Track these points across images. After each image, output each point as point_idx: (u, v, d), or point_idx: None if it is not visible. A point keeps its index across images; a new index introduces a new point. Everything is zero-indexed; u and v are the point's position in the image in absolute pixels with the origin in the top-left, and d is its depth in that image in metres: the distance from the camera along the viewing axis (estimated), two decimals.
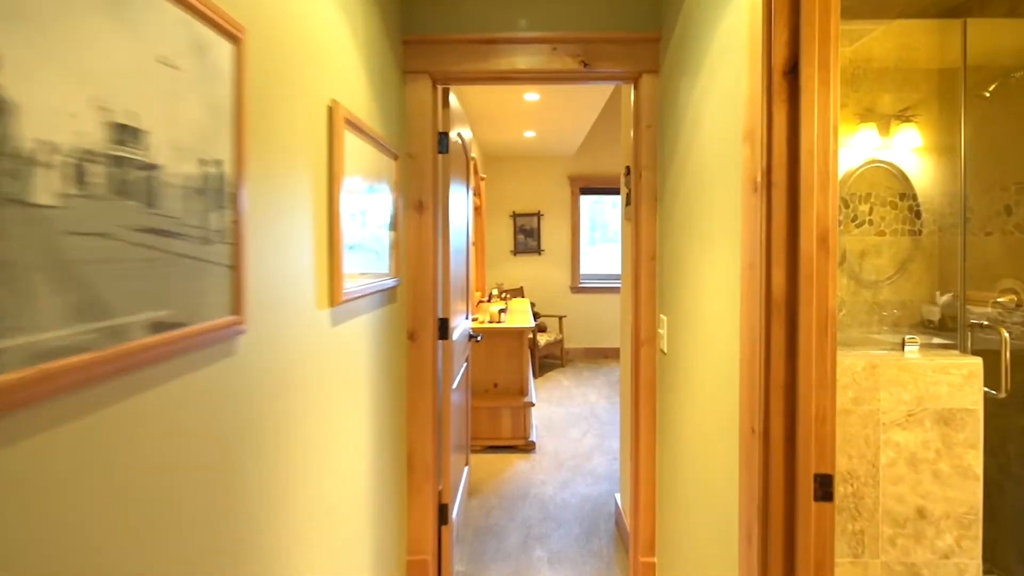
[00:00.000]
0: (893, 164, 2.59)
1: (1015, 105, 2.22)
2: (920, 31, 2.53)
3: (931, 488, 1.52)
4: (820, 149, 1.01)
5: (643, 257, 1.95)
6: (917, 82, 2.53)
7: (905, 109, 2.57)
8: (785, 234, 1.04)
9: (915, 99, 2.53)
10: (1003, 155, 2.26)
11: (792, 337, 1.03)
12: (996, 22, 2.01)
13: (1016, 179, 2.21)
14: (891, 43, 2.55)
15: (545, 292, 6.60)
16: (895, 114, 2.58)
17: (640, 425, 1.88)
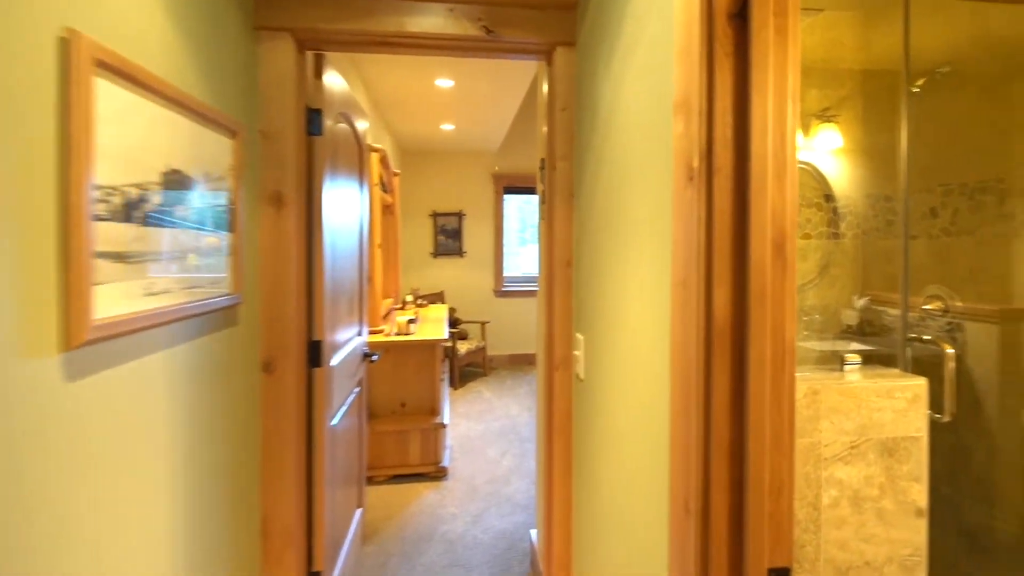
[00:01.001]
0: (813, 165, 2.48)
1: (940, 104, 2.15)
2: (846, 26, 2.43)
3: (875, 530, 1.32)
4: (776, 123, 0.74)
5: (557, 264, 1.65)
6: (842, 80, 2.43)
7: (826, 109, 2.47)
8: (731, 238, 0.75)
9: (839, 97, 2.43)
10: (928, 156, 2.18)
11: (739, 379, 0.74)
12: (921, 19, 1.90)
13: (941, 181, 2.13)
14: (818, 38, 2.43)
15: (467, 296, 6.25)
16: (816, 113, 2.47)
17: (553, 469, 1.58)
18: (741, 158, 0.77)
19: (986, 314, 1.95)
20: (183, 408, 1.08)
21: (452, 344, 4.95)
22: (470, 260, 6.29)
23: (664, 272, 0.91)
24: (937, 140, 2.16)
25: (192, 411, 1.11)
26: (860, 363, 1.41)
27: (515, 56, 1.82)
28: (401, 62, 3.25)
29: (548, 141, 1.79)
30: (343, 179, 1.95)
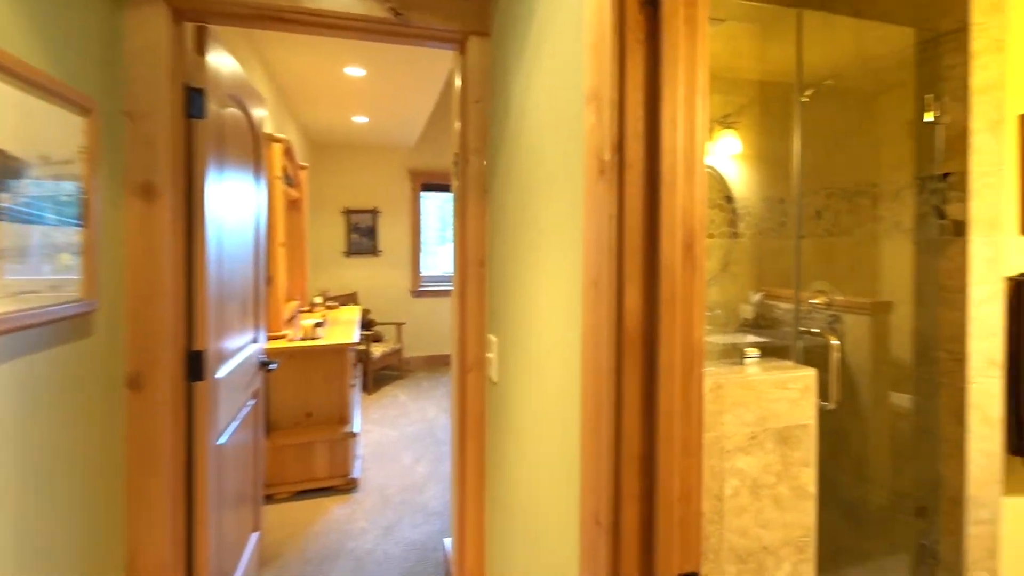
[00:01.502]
0: (715, 168, 2.61)
1: (825, 114, 2.32)
2: (745, 38, 2.57)
3: (772, 515, 1.39)
4: (686, 116, 0.71)
5: (470, 263, 1.59)
6: (742, 88, 2.58)
7: (727, 115, 2.61)
8: (642, 237, 0.73)
9: (739, 104, 2.57)
10: (815, 162, 2.36)
11: (650, 382, 0.72)
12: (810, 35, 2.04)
13: (825, 185, 2.32)
14: (720, 47, 2.55)
15: (383, 297, 6.02)
16: (718, 119, 2.60)
17: (466, 475, 1.51)
18: (652, 153, 0.74)
19: (860, 307, 2.14)
20: (8, 438, 0.88)
21: (365, 347, 4.73)
22: (386, 259, 6.06)
23: (576, 272, 0.87)
24: (823, 147, 2.35)
25: (23, 440, 0.92)
26: (758, 356, 1.48)
27: (426, 43, 1.73)
28: (307, 46, 3.03)
29: (461, 135, 1.72)
30: (234, 169, 1.76)
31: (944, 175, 1.81)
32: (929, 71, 1.85)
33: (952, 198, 1.78)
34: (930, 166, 1.86)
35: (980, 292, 1.72)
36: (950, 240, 1.78)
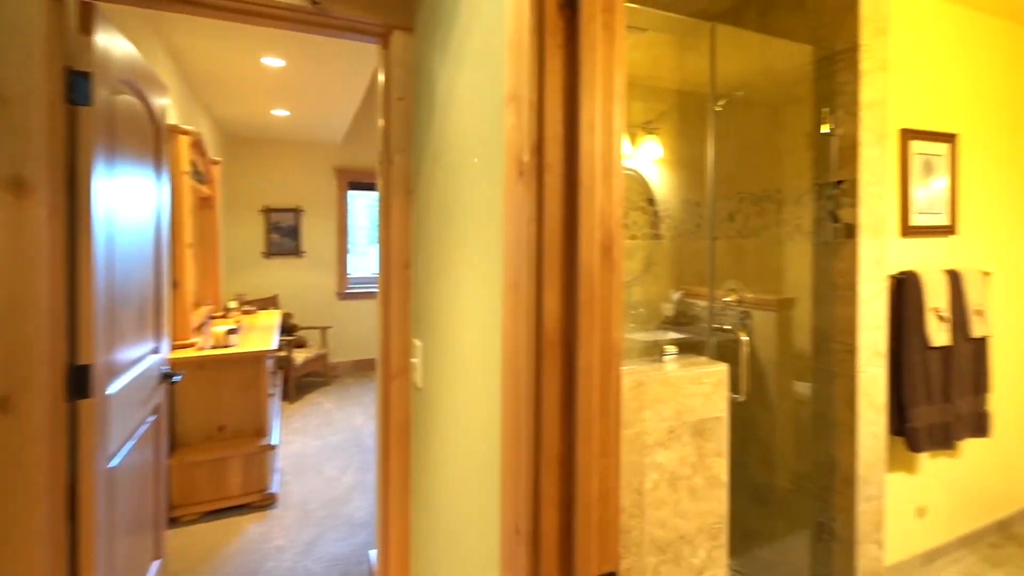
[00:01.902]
0: (638, 172, 2.71)
1: (736, 123, 2.47)
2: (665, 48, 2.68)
3: (688, 505, 1.45)
4: (603, 120, 0.72)
5: (394, 265, 1.53)
6: (661, 96, 2.69)
7: (649, 121, 2.71)
8: (561, 240, 0.72)
9: (659, 111, 2.68)
10: (727, 168, 2.50)
11: (569, 385, 0.72)
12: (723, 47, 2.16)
13: (737, 189, 2.46)
14: (642, 55, 2.65)
15: (306, 300, 5.74)
16: (641, 125, 2.70)
17: (390, 485, 1.46)
18: (571, 156, 0.74)
19: (767, 303, 2.29)
20: None
21: (286, 354, 4.49)
22: (309, 260, 5.79)
23: (497, 274, 0.86)
24: (735, 154, 2.49)
25: None
26: (676, 353, 1.54)
27: (346, 36, 1.65)
28: (220, 34, 2.82)
29: (384, 133, 1.66)
30: (130, 162, 1.60)
31: (838, 183, 1.98)
32: (826, 86, 2.02)
33: (844, 204, 1.95)
34: (826, 174, 2.03)
35: (868, 289, 1.89)
36: (843, 242, 1.95)
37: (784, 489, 2.21)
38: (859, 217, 1.88)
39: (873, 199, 1.90)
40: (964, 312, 2.23)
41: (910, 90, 2.29)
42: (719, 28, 2.18)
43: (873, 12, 1.88)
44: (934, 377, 2.15)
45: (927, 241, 2.35)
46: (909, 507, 2.32)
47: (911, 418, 2.08)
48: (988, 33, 2.51)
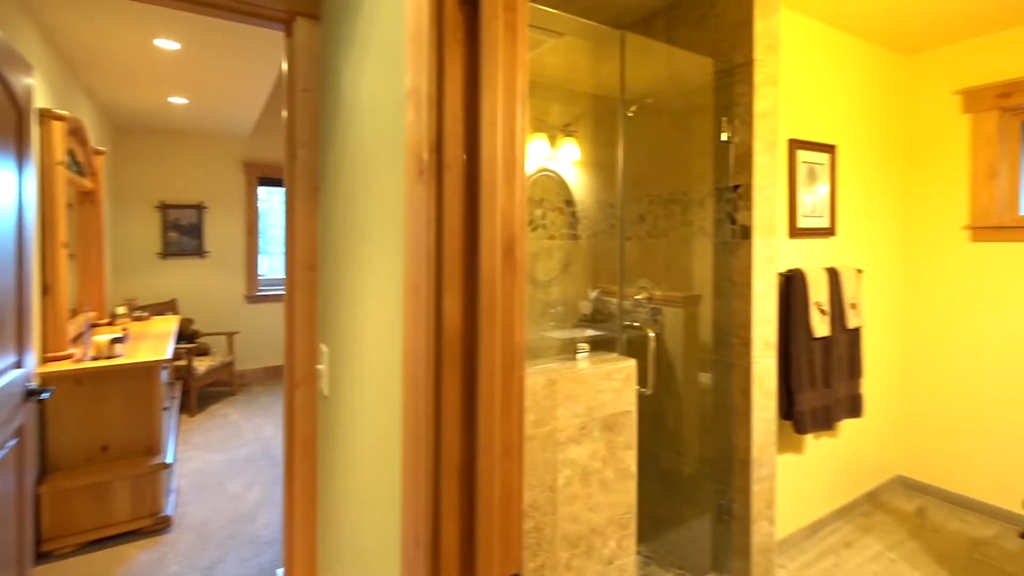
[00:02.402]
0: (558, 173, 2.76)
1: (647, 128, 2.58)
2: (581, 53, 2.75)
3: (599, 498, 1.50)
4: (506, 120, 0.71)
5: (299, 267, 1.45)
6: (578, 100, 2.75)
7: (568, 124, 2.77)
8: (462, 240, 0.71)
9: (576, 114, 2.75)
10: (638, 171, 2.61)
11: (470, 389, 0.71)
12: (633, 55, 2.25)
13: (648, 192, 2.57)
14: (559, 59, 2.69)
15: (210, 304, 5.32)
16: (560, 128, 2.76)
17: (295, 499, 1.38)
18: (472, 155, 0.73)
19: (675, 300, 2.41)
20: None
21: (187, 363, 4.13)
22: (214, 261, 5.37)
23: (399, 277, 0.83)
24: (646, 158, 2.60)
25: None
26: (589, 351, 1.58)
27: (245, 19, 1.54)
28: (101, 10, 2.53)
29: (288, 126, 1.57)
30: None
31: (735, 187, 2.12)
32: (725, 97, 2.16)
33: (741, 207, 2.09)
34: (725, 178, 2.17)
35: (760, 286, 2.05)
36: (739, 242, 2.09)
37: (689, 475, 2.34)
38: (753, 219, 2.03)
39: (765, 203, 2.06)
40: (841, 305, 2.48)
41: (797, 103, 2.51)
42: (629, 36, 2.27)
43: (765, 30, 2.04)
44: (817, 365, 2.37)
45: (811, 242, 2.59)
46: (797, 485, 2.54)
47: (798, 403, 2.28)
48: (861, 56, 2.81)
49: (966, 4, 2.39)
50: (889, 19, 2.57)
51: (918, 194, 3.05)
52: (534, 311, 2.64)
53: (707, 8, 2.21)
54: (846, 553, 2.44)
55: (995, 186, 2.76)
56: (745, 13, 2.04)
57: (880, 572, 2.29)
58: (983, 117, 2.80)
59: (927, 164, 3.01)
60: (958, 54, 2.87)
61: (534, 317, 2.61)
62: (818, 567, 2.33)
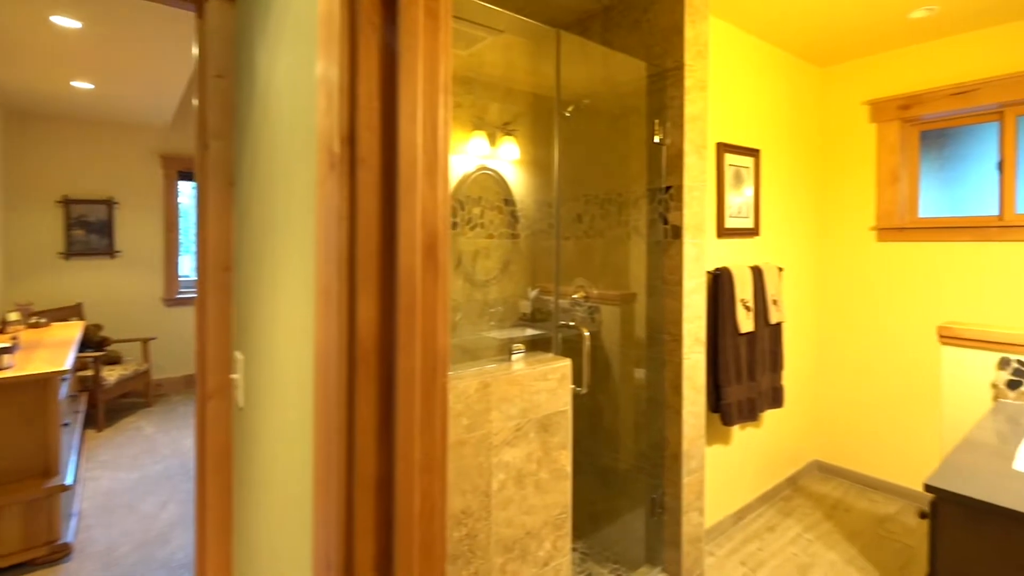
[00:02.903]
0: (497, 172, 2.74)
1: (584, 128, 2.60)
2: (520, 51, 2.73)
3: (534, 500, 1.49)
4: (427, 112, 0.67)
5: (212, 267, 1.34)
6: (517, 99, 2.74)
7: (507, 123, 2.75)
8: (378, 239, 0.66)
9: (515, 113, 2.73)
10: (576, 170, 2.63)
11: (388, 399, 0.66)
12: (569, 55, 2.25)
13: (585, 192, 2.59)
14: (499, 56, 2.67)
15: (123, 308, 4.90)
16: (499, 126, 2.73)
17: (207, 523, 1.27)
18: (390, 149, 0.68)
19: (612, 298, 2.45)
20: None
21: (94, 373, 3.78)
22: (127, 261, 4.94)
23: (311, 279, 0.77)
24: (583, 158, 2.63)
25: None
26: (524, 351, 1.57)
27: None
28: None
29: (200, 114, 1.44)
30: None
31: (667, 188, 2.17)
32: (657, 100, 2.21)
33: (672, 207, 2.15)
34: (658, 180, 2.22)
35: (690, 284, 2.11)
36: (671, 242, 2.15)
37: (624, 470, 2.39)
38: (684, 219, 2.09)
39: (695, 203, 2.13)
40: (765, 302, 2.61)
41: (724, 108, 2.62)
42: (566, 36, 2.27)
43: (695, 36, 2.10)
44: (742, 359, 2.48)
45: (737, 241, 2.71)
46: (724, 474, 2.65)
47: (725, 396, 2.37)
48: (782, 66, 2.97)
49: (869, 22, 2.58)
50: (804, 33, 2.73)
51: (832, 197, 3.26)
52: (472, 311, 2.61)
53: (641, 12, 2.25)
54: (769, 537, 2.57)
55: (897, 190, 3.01)
56: (676, 19, 2.10)
57: (799, 553, 2.43)
58: (887, 127, 3.04)
59: (840, 169, 3.23)
60: (865, 68, 3.10)
61: (472, 317, 2.58)
62: (744, 552, 2.44)
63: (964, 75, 2.73)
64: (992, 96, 2.65)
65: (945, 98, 2.80)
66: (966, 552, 1.18)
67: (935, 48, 2.82)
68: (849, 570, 2.29)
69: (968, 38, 2.71)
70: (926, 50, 2.85)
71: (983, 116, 2.76)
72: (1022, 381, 1.74)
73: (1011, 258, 2.61)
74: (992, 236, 2.67)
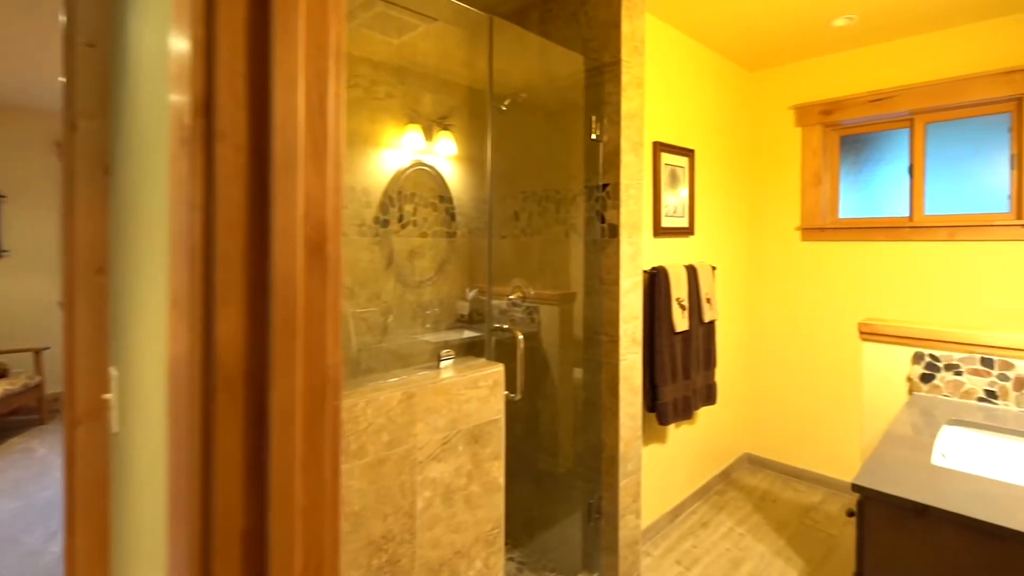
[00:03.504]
0: (434, 168, 2.61)
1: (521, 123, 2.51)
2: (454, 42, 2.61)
3: (464, 517, 1.39)
4: (313, 79, 0.55)
5: (81, 269, 1.14)
6: (452, 91, 2.61)
7: (444, 117, 2.62)
8: (245, 236, 0.54)
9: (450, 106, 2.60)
10: (513, 166, 2.54)
11: (261, 433, 0.54)
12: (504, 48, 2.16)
13: (522, 188, 2.51)
14: (432, 46, 2.53)
15: (9, 315, 4.35)
16: (435, 120, 2.60)
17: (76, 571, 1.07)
18: (262, 124, 0.56)
19: (550, 298, 2.39)
20: None
21: None
22: (15, 262, 4.40)
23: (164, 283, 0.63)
24: (520, 154, 2.54)
25: None
26: (454, 357, 1.46)
27: None
28: None
29: (66, 90, 1.23)
30: None
31: (604, 186, 2.13)
32: (595, 95, 2.15)
33: (610, 205, 2.10)
34: (595, 177, 2.17)
35: (627, 283, 2.07)
36: (608, 241, 2.11)
37: (562, 475, 2.34)
38: (621, 218, 2.05)
39: (632, 202, 2.10)
40: (699, 300, 2.63)
41: (661, 108, 2.61)
42: (501, 24, 2.17)
43: (631, 32, 2.06)
44: (678, 358, 2.49)
45: (673, 240, 2.72)
46: (660, 473, 2.66)
47: (661, 395, 2.37)
48: (716, 68, 3.01)
49: (795, 29, 2.66)
50: (735, 37, 2.78)
51: (761, 198, 3.37)
52: (405, 314, 2.47)
53: (578, 5, 2.19)
54: (703, 533, 2.60)
55: (820, 192, 3.13)
56: (613, 13, 2.05)
57: (732, 548, 2.47)
58: (810, 131, 3.15)
59: (768, 171, 3.33)
60: (791, 73, 3.20)
61: (405, 320, 2.44)
62: (679, 550, 2.45)
63: (880, 83, 2.87)
64: (904, 104, 2.80)
65: (863, 104, 2.93)
66: (892, 550, 1.19)
67: (855, 56, 2.95)
68: (777, 562, 2.35)
69: (885, 48, 2.85)
70: (847, 58, 2.98)
71: (896, 123, 2.92)
72: (934, 375, 1.82)
73: (920, 257, 2.77)
74: (904, 236, 2.83)
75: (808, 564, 2.33)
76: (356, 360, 2.11)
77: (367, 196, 2.27)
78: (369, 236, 2.27)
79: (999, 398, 1.73)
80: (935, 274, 2.72)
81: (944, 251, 2.69)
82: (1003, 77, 2.49)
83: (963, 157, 2.72)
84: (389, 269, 2.33)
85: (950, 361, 1.81)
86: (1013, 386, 1.70)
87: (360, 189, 2.28)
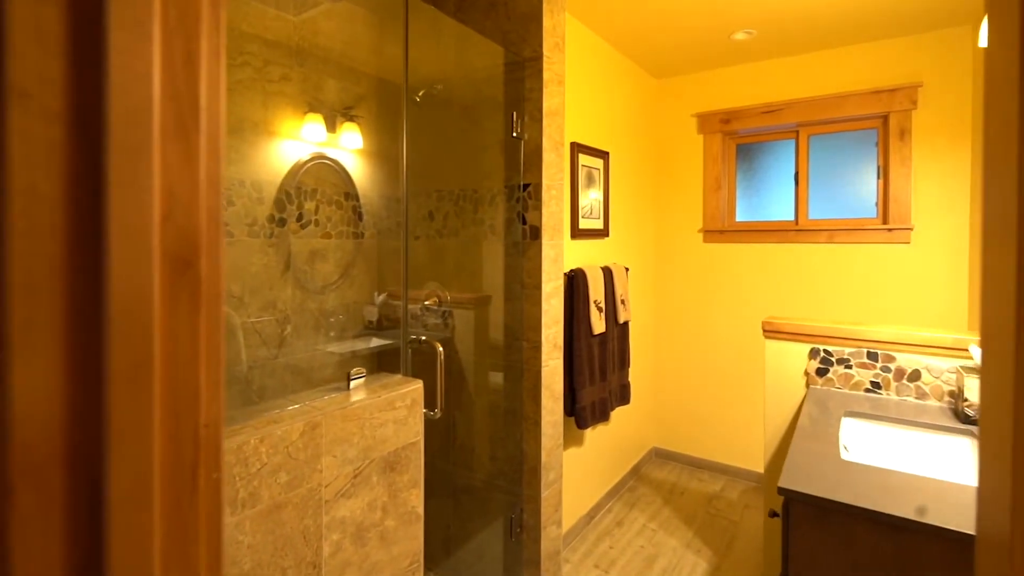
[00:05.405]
0: (338, 162, 2.37)
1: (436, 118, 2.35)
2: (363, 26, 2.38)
3: (379, 556, 1.24)
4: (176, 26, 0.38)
5: None
6: (359, 79, 2.39)
7: (349, 108, 2.39)
8: (63, 248, 0.36)
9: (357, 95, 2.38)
10: (426, 163, 2.37)
11: (94, 537, 0.37)
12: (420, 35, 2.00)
13: (437, 187, 2.35)
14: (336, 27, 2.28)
15: None
16: (341, 111, 2.37)
17: None
18: (93, 84, 0.38)
19: (465, 302, 2.27)
20: None
21: None
22: None
23: None
24: (434, 150, 2.38)
25: None
26: (364, 375, 1.30)
27: None
28: None
29: None
30: None
31: (525, 185, 2.04)
32: (515, 91, 2.06)
33: (531, 206, 2.02)
34: (516, 176, 2.08)
35: (549, 287, 2.01)
36: (530, 243, 2.03)
37: (481, 488, 2.23)
38: (543, 219, 1.98)
39: (553, 203, 2.03)
40: (614, 302, 2.65)
41: (578, 108, 2.59)
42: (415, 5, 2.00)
43: (552, 27, 1.99)
44: (596, 360, 2.48)
45: (589, 242, 2.71)
46: (577, 477, 2.66)
47: (580, 399, 2.35)
48: (628, 73, 3.05)
49: (698, 40, 2.76)
50: (645, 44, 2.83)
51: (668, 201, 3.49)
52: (306, 323, 2.22)
53: None
54: (618, 532, 2.64)
55: (719, 197, 3.30)
56: (534, 6, 1.97)
57: (646, 545, 2.52)
58: (711, 138, 3.32)
59: (675, 175, 3.46)
60: (694, 83, 3.35)
61: (306, 331, 2.19)
62: (597, 553, 2.46)
63: (772, 96, 3.07)
64: (792, 116, 3.02)
65: (757, 115, 3.13)
66: (814, 548, 1.22)
67: (752, 70, 3.14)
68: (688, 555, 2.43)
69: (778, 63, 3.06)
70: (745, 71, 3.16)
71: (784, 134, 3.16)
72: (828, 368, 1.95)
73: (805, 258, 3.01)
74: (791, 238, 3.06)
75: (716, 554, 2.43)
76: (247, 380, 1.84)
77: (259, 192, 2.00)
78: (263, 237, 2.00)
79: (883, 388, 1.89)
80: (820, 274, 2.97)
81: (826, 253, 2.95)
82: (872, 96, 2.77)
83: (840, 166, 3.00)
84: (287, 274, 2.08)
85: (841, 356, 1.96)
86: (894, 376, 1.87)
87: (250, 183, 2.00)
